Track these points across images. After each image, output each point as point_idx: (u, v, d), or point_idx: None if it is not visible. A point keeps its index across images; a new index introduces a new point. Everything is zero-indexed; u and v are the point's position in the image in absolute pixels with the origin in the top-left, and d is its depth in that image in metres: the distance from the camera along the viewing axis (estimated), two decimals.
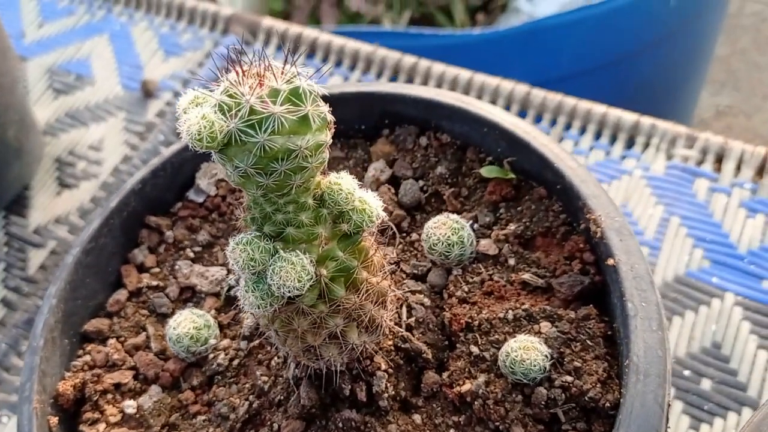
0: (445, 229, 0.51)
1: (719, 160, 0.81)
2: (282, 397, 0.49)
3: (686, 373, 0.68)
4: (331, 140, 0.60)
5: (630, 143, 0.85)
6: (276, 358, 0.51)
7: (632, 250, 0.45)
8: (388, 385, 0.47)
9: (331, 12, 1.52)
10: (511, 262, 0.51)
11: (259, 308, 0.40)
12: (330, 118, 0.38)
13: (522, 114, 0.90)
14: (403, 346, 0.48)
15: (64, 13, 1.14)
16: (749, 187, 0.79)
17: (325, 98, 0.58)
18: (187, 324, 0.51)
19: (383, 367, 0.47)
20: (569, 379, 0.45)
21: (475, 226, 0.53)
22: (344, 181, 0.40)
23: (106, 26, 1.11)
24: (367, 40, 1.03)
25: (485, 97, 0.91)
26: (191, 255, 0.58)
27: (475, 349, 0.48)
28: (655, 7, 1.29)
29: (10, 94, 0.90)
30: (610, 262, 0.46)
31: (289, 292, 0.39)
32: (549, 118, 0.87)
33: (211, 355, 0.52)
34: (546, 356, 0.45)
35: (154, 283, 0.56)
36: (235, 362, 0.52)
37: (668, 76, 1.46)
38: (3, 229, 0.93)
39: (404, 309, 0.49)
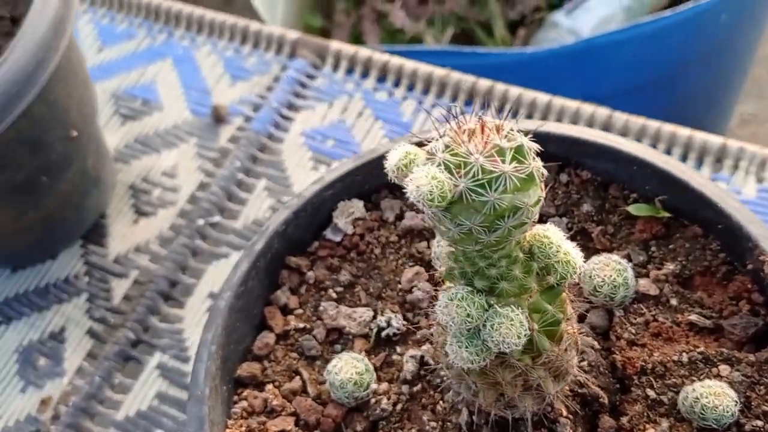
0: (609, 270, 0.51)
1: None
2: None
3: None
4: None
5: (717, 167, 0.85)
6: (441, 402, 0.51)
7: None
8: (571, 431, 0.47)
9: (372, 29, 1.52)
10: (673, 302, 0.52)
11: (472, 363, 0.40)
12: (545, 172, 0.38)
13: None
14: (579, 391, 0.48)
15: (123, 36, 1.13)
16: None
17: None
18: (349, 369, 0.51)
19: (564, 413, 0.47)
20: (759, 423, 0.45)
21: (629, 265, 0.53)
22: (552, 233, 0.40)
23: (169, 50, 1.10)
24: (420, 59, 1.03)
25: (565, 119, 0.91)
26: (333, 295, 0.57)
27: (651, 393, 0.48)
28: (704, 22, 1.30)
29: (91, 123, 0.89)
30: None
31: (507, 347, 0.39)
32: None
33: (373, 400, 0.52)
34: (735, 401, 0.45)
35: (301, 325, 0.56)
36: (398, 407, 0.52)
37: (712, 89, 1.47)
38: (82, 258, 0.92)
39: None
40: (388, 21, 1.57)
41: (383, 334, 0.55)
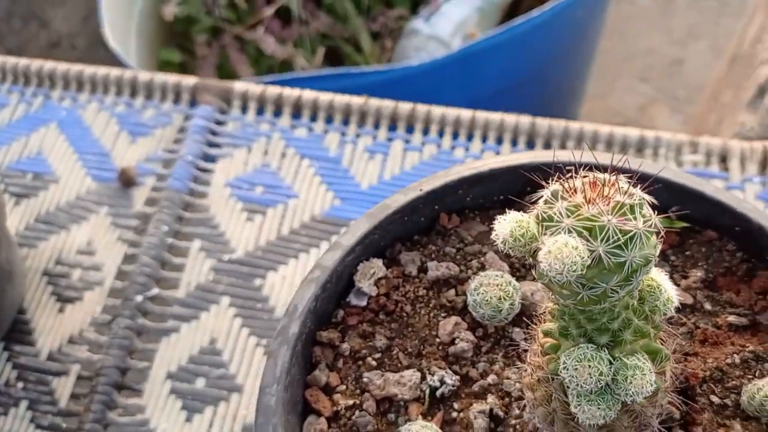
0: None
1: (723, 160, 0.90)
2: None
3: None
4: (472, 215, 0.60)
5: (639, 155, 0.91)
6: None
7: None
8: None
9: (240, 58, 1.47)
10: (708, 307, 0.54)
11: (605, 419, 0.40)
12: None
13: (530, 144, 0.93)
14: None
15: None
16: (758, 180, 0.87)
17: (482, 177, 0.57)
18: None
19: None
20: None
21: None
22: (655, 274, 0.41)
23: (50, 115, 1.00)
24: (305, 86, 1.01)
25: (491, 133, 0.93)
26: (373, 363, 0.55)
27: (715, 399, 0.50)
28: (565, 18, 1.38)
29: None
30: None
31: (641, 396, 0.39)
32: (541, 143, 0.91)
33: None
34: None
35: (350, 402, 0.53)
36: None
37: (574, 79, 1.57)
38: (9, 362, 0.81)
39: None
40: (252, 47, 1.53)
41: (438, 393, 0.53)
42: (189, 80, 1.00)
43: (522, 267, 0.58)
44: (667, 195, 0.56)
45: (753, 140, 0.92)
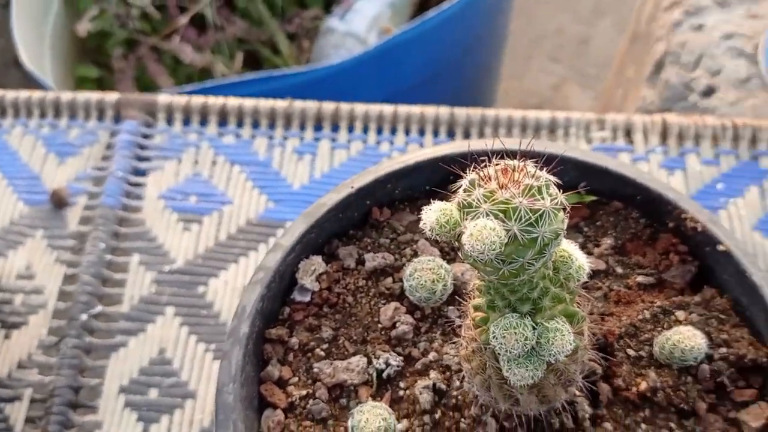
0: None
1: (628, 134, 0.96)
2: None
3: None
4: (402, 206, 0.64)
5: (552, 138, 0.97)
6: (462, 420, 0.55)
7: (730, 234, 0.56)
8: (587, 407, 0.53)
9: (159, 69, 1.48)
10: (619, 270, 0.60)
11: (532, 379, 0.44)
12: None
13: (451, 133, 0.98)
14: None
15: None
16: (660, 150, 0.95)
17: (408, 170, 0.62)
18: (376, 419, 0.53)
19: (577, 393, 0.54)
20: (724, 350, 0.55)
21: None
22: (566, 246, 0.45)
23: None
24: (228, 93, 1.03)
25: (413, 126, 0.98)
26: (322, 354, 0.58)
27: (631, 352, 0.56)
28: (475, 7, 1.43)
29: None
30: (722, 247, 0.56)
31: (562, 356, 0.44)
32: (461, 132, 0.96)
33: None
34: (703, 338, 0.54)
35: (303, 392, 0.57)
36: None
37: (490, 66, 1.63)
38: None
39: None
40: (169, 57, 1.53)
41: (384, 375, 0.57)
42: (112, 96, 1.01)
43: (451, 251, 0.63)
44: (577, 173, 0.61)
45: (653, 113, 0.99)
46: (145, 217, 0.93)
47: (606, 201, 0.63)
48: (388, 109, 0.98)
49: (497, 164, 0.42)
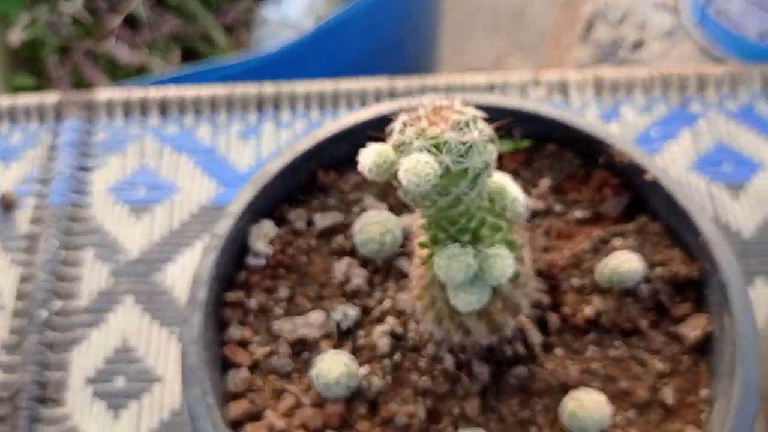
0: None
1: (564, 91, 1.00)
2: (448, 387, 0.56)
3: None
4: (348, 167, 0.66)
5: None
6: (420, 359, 0.57)
7: (657, 164, 0.60)
8: (537, 334, 0.56)
9: (96, 72, 1.47)
10: (558, 208, 0.63)
11: (478, 304, 0.47)
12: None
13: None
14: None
15: None
16: (595, 103, 0.98)
17: (350, 131, 0.64)
18: (337, 366, 0.55)
19: (526, 321, 0.56)
20: (660, 270, 0.58)
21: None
22: (500, 178, 0.48)
23: None
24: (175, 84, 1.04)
25: (355, 99, 1.00)
26: (281, 312, 0.60)
27: (575, 281, 0.59)
28: None
29: None
30: (649, 176, 0.59)
31: (504, 279, 0.46)
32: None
33: (364, 383, 0.56)
34: (639, 260, 0.58)
35: (266, 349, 0.58)
36: (388, 379, 0.57)
37: (425, 40, 1.66)
38: None
39: None
40: (105, 59, 1.53)
41: (344, 326, 0.59)
42: (51, 97, 1.01)
43: (399, 205, 0.65)
44: (512, 119, 0.64)
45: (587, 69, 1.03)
46: (95, 212, 0.94)
47: (541, 146, 0.66)
48: (329, 85, 1.00)
49: (427, 106, 0.44)
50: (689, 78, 1.00)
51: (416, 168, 0.41)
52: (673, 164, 0.94)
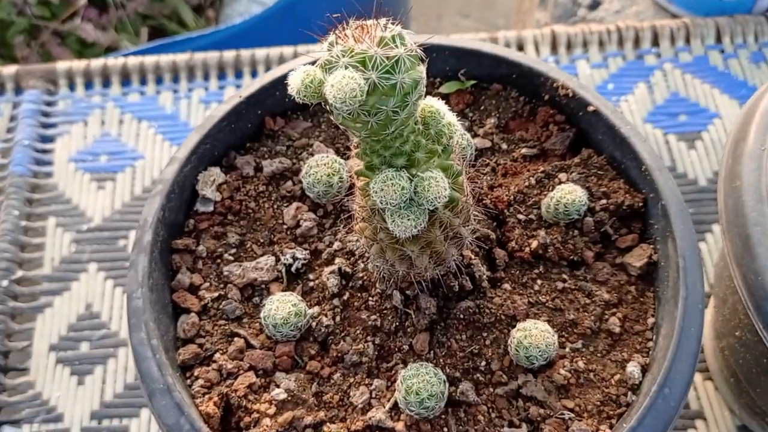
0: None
1: (521, 48, 1.00)
2: (396, 324, 0.56)
3: None
4: (295, 115, 0.66)
5: None
6: (370, 299, 0.57)
7: (599, 96, 0.60)
8: (483, 268, 0.56)
9: (64, 52, 1.46)
10: (504, 146, 0.63)
11: (415, 228, 0.47)
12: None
13: None
14: (474, 236, 0.58)
15: None
16: (552, 59, 0.98)
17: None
18: (285, 306, 0.55)
19: (472, 257, 0.57)
20: (604, 201, 0.58)
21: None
22: (434, 103, 0.48)
23: None
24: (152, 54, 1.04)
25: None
26: (230, 258, 0.60)
27: (521, 216, 0.59)
28: None
29: None
30: (591, 108, 0.60)
31: (439, 201, 0.46)
32: None
33: (314, 323, 0.57)
34: (583, 192, 0.58)
35: (216, 294, 0.58)
36: (337, 318, 0.57)
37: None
38: None
39: None
40: (73, 39, 1.52)
41: (293, 269, 0.59)
42: (10, 69, 1.01)
43: (346, 149, 0.65)
44: (455, 60, 0.64)
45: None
46: (57, 181, 0.93)
47: (487, 86, 0.66)
48: (287, 50, 1.00)
49: (354, 26, 0.44)
50: (644, 31, 1.00)
51: (341, 84, 0.41)
52: (630, 116, 0.94)
